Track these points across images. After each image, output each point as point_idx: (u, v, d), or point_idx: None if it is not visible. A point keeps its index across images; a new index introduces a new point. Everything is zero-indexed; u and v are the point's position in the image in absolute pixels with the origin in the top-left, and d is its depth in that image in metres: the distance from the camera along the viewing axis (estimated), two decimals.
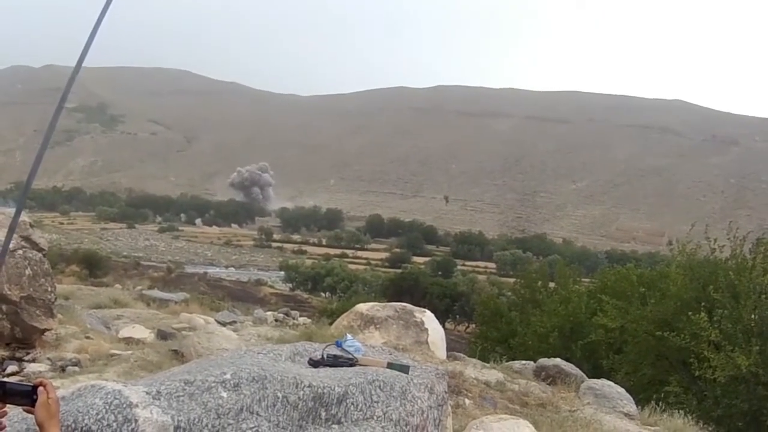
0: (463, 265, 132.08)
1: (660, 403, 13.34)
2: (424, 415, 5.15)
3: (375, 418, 4.79)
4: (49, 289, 10.46)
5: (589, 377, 14.99)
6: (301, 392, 4.40)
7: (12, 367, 9.37)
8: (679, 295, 20.50)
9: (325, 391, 4.55)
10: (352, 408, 4.69)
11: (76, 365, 9.42)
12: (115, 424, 3.49)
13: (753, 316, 17.62)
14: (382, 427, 4.77)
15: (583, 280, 41.10)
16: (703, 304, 18.00)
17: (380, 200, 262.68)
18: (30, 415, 3.26)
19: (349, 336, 5.89)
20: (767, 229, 21.94)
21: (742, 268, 18.67)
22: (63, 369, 9.26)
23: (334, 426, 4.57)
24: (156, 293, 25.00)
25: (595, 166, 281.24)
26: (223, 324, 15.79)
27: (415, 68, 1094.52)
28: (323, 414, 4.53)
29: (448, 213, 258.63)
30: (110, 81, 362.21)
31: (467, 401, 10.62)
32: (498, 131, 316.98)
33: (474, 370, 13.84)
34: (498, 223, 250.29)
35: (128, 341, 11.61)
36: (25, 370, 9.28)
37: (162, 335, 12.46)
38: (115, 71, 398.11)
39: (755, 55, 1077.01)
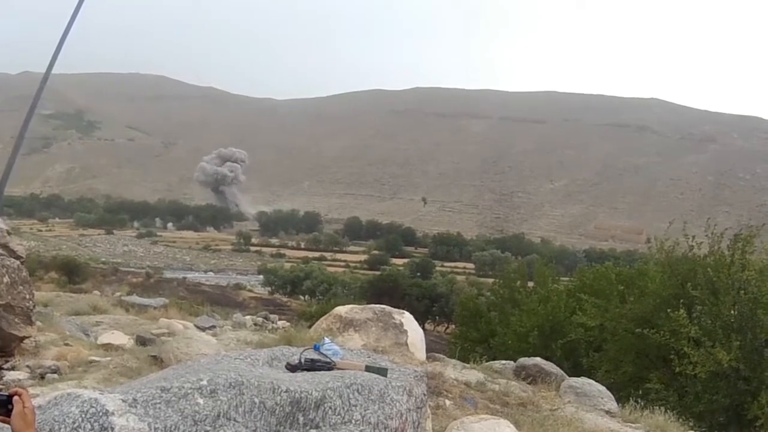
0: (442, 266, 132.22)
1: (640, 400, 13.37)
2: (403, 418, 5.13)
3: (353, 422, 4.77)
4: (28, 296, 10.39)
5: (570, 376, 15.00)
6: (278, 397, 4.38)
7: None
8: (658, 293, 20.57)
9: (302, 395, 4.53)
10: (330, 412, 4.68)
11: (55, 372, 9.37)
12: None
13: (732, 312, 17.69)
14: (360, 431, 4.76)
15: (562, 279, 41.26)
16: (682, 300, 18.06)
17: (358, 203, 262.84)
18: (5, 425, 3.23)
19: (327, 339, 5.88)
20: (745, 225, 21.92)
21: (720, 264, 18.74)
22: (42, 376, 9.21)
23: (312, 431, 4.56)
24: (135, 299, 24.90)
25: (573, 166, 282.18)
26: (203, 329, 15.73)
27: (392, 70, 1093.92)
28: (301, 419, 4.51)
29: (427, 214, 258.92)
30: (87, 87, 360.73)
31: (447, 402, 10.61)
32: (475, 132, 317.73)
33: (454, 370, 13.84)
34: (476, 223, 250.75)
35: (107, 347, 11.55)
36: (4, 378, 9.21)
37: (141, 341, 12.40)
38: (91, 77, 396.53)
39: (731, 53, 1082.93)
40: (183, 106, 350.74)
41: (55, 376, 9.31)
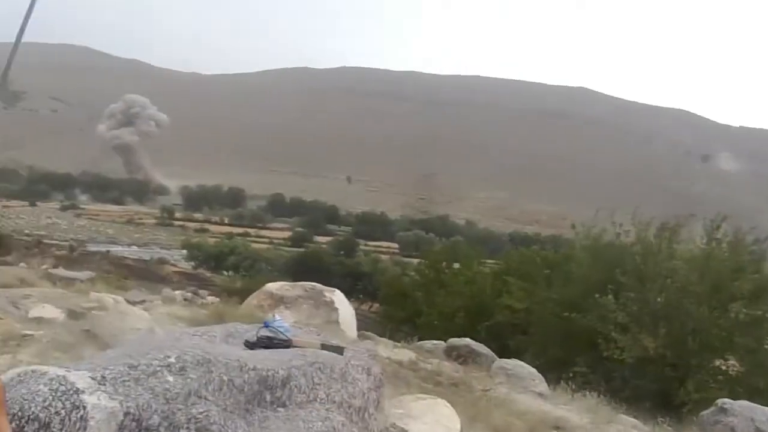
0: (366, 245, 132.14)
1: (570, 383, 13.55)
2: (365, 397, 5.15)
3: (318, 400, 4.77)
4: None
5: (498, 357, 15.16)
6: (246, 375, 4.35)
7: None
8: (585, 278, 20.84)
9: (269, 374, 4.51)
10: (295, 390, 4.66)
11: None
12: (63, 411, 3.39)
13: (659, 300, 18.01)
14: (327, 410, 4.75)
15: (487, 261, 41.62)
16: (609, 286, 18.32)
17: (282, 180, 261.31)
18: None
19: (277, 316, 5.86)
20: (670, 215, 22.31)
21: (648, 252, 19.05)
22: None
23: (279, 409, 4.53)
24: (61, 272, 24.52)
25: (498, 150, 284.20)
26: (133, 303, 15.55)
27: (318, 49, 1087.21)
28: (268, 397, 4.49)
29: (351, 194, 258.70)
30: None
31: None
32: (401, 113, 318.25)
33: (386, 349, 13.90)
34: (400, 203, 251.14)
35: (39, 321, 11.34)
36: None
37: (72, 315, 12.20)
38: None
39: (659, 45, 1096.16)
40: (108, 79, 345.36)
41: None
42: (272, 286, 15.00)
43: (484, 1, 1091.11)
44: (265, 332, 5.40)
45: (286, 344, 5.28)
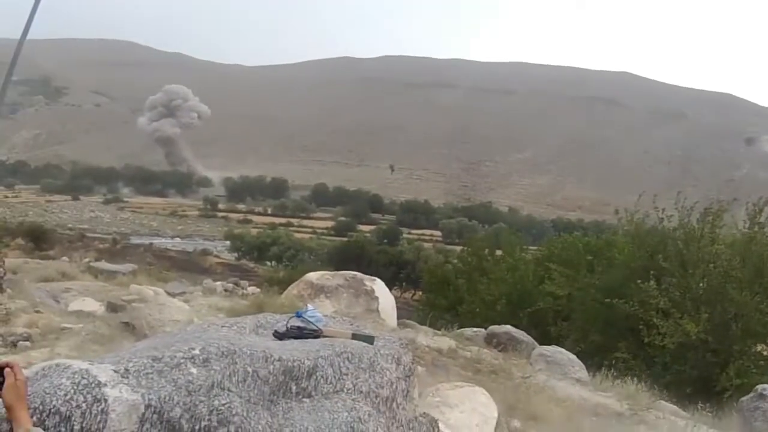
0: (409, 233, 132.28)
1: (611, 370, 13.44)
2: (393, 387, 5.10)
3: (345, 390, 4.73)
4: None
5: (538, 344, 15.09)
6: (271, 366, 4.32)
7: None
8: (627, 264, 20.70)
9: (294, 364, 4.48)
10: (321, 381, 4.62)
11: (27, 340, 9.26)
12: (84, 404, 3.38)
13: (701, 285, 17.82)
14: (353, 400, 4.72)
15: (529, 248, 41.46)
16: (651, 272, 18.15)
17: (325, 169, 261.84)
18: None
19: (309, 306, 5.81)
20: (713, 200, 22.09)
21: (690, 237, 18.86)
22: (14, 344, 9.10)
23: (305, 400, 4.51)
24: (103, 265, 24.70)
25: (541, 137, 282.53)
26: (173, 295, 15.64)
27: (361, 39, 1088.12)
28: (294, 388, 4.46)
29: (394, 182, 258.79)
30: (54, 53, 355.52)
31: (420, 369, 10.58)
32: (444, 101, 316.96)
33: (426, 337, 13.90)
34: (443, 191, 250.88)
35: (78, 314, 11.44)
36: None
37: (112, 308, 12.30)
38: (58, 43, 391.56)
39: (702, 30, 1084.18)
40: (150, 73, 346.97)
41: (27, 343, 9.21)
42: (313, 276, 15.04)
43: None
44: (295, 322, 5.37)
45: (315, 334, 5.24)
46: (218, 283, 22.40)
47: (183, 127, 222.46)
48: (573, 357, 13.86)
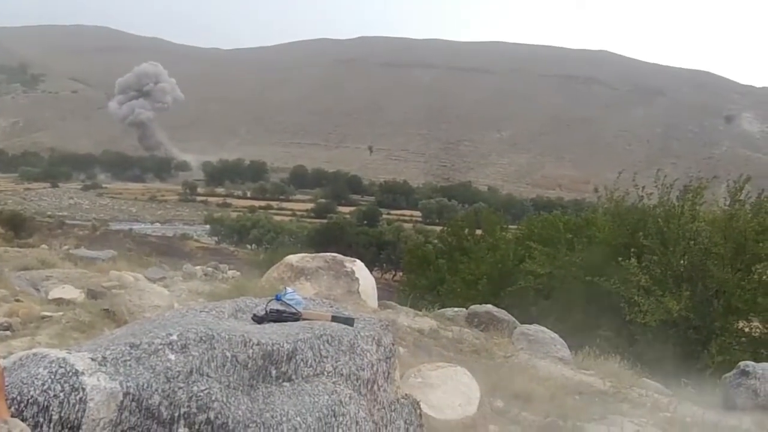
0: (389, 214, 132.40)
1: (593, 348, 13.49)
2: (374, 369, 5.09)
3: (325, 373, 4.72)
4: None
5: (520, 323, 15.11)
6: (250, 350, 4.30)
7: None
8: (607, 241, 20.78)
9: (274, 348, 4.46)
10: (302, 364, 4.61)
11: (7, 329, 9.19)
12: (62, 394, 3.36)
13: (682, 262, 17.92)
14: (333, 383, 4.71)
15: (509, 227, 41.55)
16: (632, 250, 18.23)
17: (304, 152, 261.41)
18: None
19: (288, 289, 5.79)
20: (693, 177, 22.25)
21: (670, 215, 18.95)
22: None
23: (285, 384, 4.49)
24: (83, 252, 24.53)
25: (520, 116, 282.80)
26: (153, 280, 15.55)
27: (338, 19, 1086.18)
28: (273, 372, 4.44)
29: (373, 162, 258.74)
30: (30, 40, 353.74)
31: (402, 350, 10.57)
32: (422, 81, 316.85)
33: (407, 318, 13.89)
34: (423, 171, 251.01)
35: (59, 302, 11.36)
36: None
37: (92, 294, 12.20)
38: (35, 30, 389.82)
39: (679, 6, 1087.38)
40: (127, 58, 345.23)
41: (8, 333, 9.14)
42: (293, 258, 14.96)
43: None
44: (274, 306, 5.35)
45: (295, 317, 5.23)
46: (198, 267, 22.34)
47: (156, 109, 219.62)
48: (555, 336, 13.89)
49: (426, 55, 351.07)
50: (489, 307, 15.77)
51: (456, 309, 16.41)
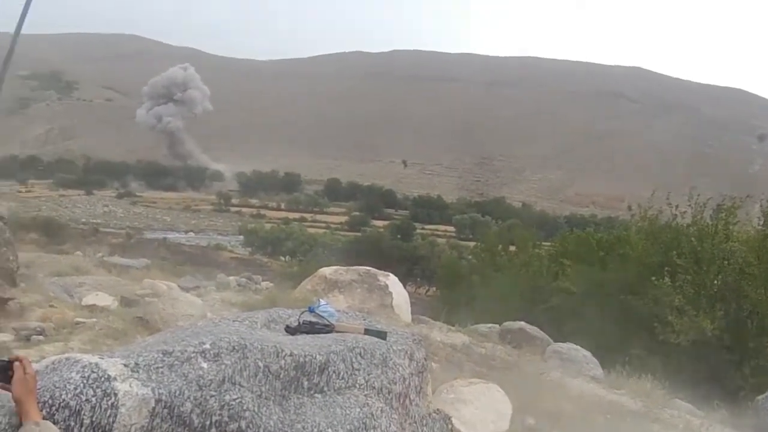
0: (423, 228, 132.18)
1: (625, 367, 13.39)
2: (406, 383, 5.08)
3: (357, 386, 4.71)
4: (11, 257, 10.27)
5: (553, 340, 15.05)
6: (283, 361, 4.31)
7: None
8: (640, 260, 20.63)
9: (306, 359, 4.46)
10: (334, 376, 4.61)
11: (40, 334, 9.25)
12: (93, 398, 3.37)
13: (716, 282, 17.75)
14: (365, 396, 4.70)
15: (543, 243, 41.39)
16: (666, 269, 18.10)
17: (338, 164, 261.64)
18: (3, 392, 3.15)
19: (322, 301, 5.79)
20: (726, 196, 22.09)
21: (704, 234, 18.81)
22: (28, 338, 9.09)
23: (317, 395, 4.49)
24: (117, 260, 24.73)
25: (553, 131, 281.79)
26: (186, 290, 15.62)
27: (372, 33, 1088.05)
28: (305, 383, 4.44)
29: (407, 177, 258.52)
30: (65, 48, 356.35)
31: (434, 365, 10.55)
32: (456, 96, 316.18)
33: (440, 333, 13.85)
34: (456, 186, 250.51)
35: (92, 309, 11.43)
36: None
37: (126, 302, 12.29)
38: (69, 38, 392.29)
39: (712, 23, 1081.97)
40: (162, 66, 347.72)
41: (41, 337, 9.20)
42: (326, 271, 15.00)
43: None
44: (307, 317, 5.35)
45: (328, 329, 5.22)
46: (231, 277, 22.41)
47: (185, 116, 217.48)
48: (587, 354, 13.81)
49: (460, 69, 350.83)
50: (522, 323, 15.73)
51: (489, 325, 16.38)
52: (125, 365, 3.64)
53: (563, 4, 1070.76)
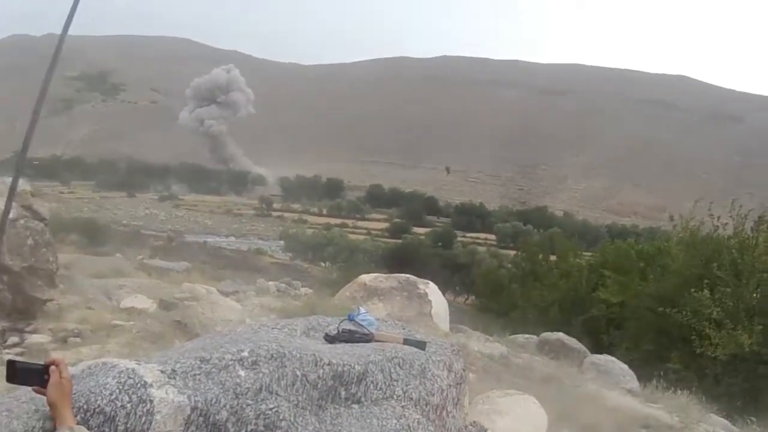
0: (464, 236, 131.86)
1: (662, 380, 13.29)
2: (444, 394, 5.04)
3: (395, 397, 4.68)
4: (51, 258, 10.36)
5: (590, 352, 14.97)
6: (321, 370, 4.29)
7: (13, 339, 9.27)
8: (680, 272, 20.48)
9: (344, 369, 4.44)
10: (371, 387, 4.58)
11: (77, 336, 9.32)
12: (129, 405, 3.36)
13: (755, 295, 17.59)
14: (402, 407, 4.66)
15: (584, 253, 41.18)
16: (705, 281, 17.95)
17: (381, 170, 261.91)
18: (38, 396, 3.15)
19: (362, 309, 5.76)
20: None
21: (744, 246, 18.64)
22: (65, 340, 9.16)
23: (354, 405, 4.47)
24: (157, 262, 24.90)
25: (597, 140, 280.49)
26: (226, 294, 15.67)
27: (418, 38, 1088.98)
28: (343, 393, 4.42)
29: (449, 184, 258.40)
30: (111, 49, 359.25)
31: (471, 375, 10.51)
32: (501, 103, 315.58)
33: (477, 343, 13.79)
34: (499, 194, 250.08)
35: (130, 311, 11.50)
36: (26, 341, 9.18)
37: (164, 305, 12.33)
38: (115, 39, 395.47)
39: (760, 32, 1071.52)
40: (206, 70, 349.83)
41: (78, 339, 9.27)
42: (366, 278, 14.99)
43: None
44: (346, 326, 5.33)
45: (367, 338, 5.20)
46: (271, 282, 22.45)
47: (227, 120, 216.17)
48: (624, 366, 13.72)
49: (506, 76, 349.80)
50: (560, 334, 15.65)
51: (527, 335, 16.33)
52: (162, 371, 3.64)
53: (609, 12, 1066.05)
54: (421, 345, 5.26)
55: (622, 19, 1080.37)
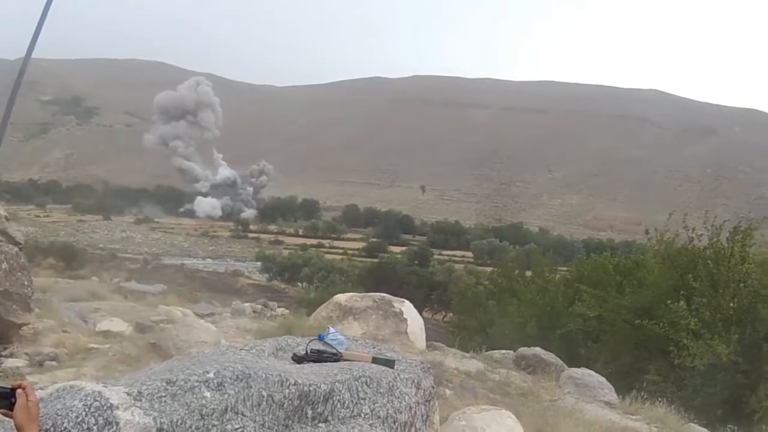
0: (440, 254, 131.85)
1: (641, 392, 13.34)
2: (412, 411, 5.07)
3: (362, 415, 4.70)
4: (26, 283, 10.31)
5: (568, 366, 15.01)
6: (287, 390, 4.31)
7: None
8: (657, 284, 20.57)
9: (311, 388, 4.46)
10: (338, 405, 4.61)
11: (53, 360, 9.29)
12: (95, 427, 3.38)
13: (732, 305, 17.70)
14: (370, 425, 4.68)
15: (560, 269, 41.31)
16: (682, 292, 18.04)
17: (356, 190, 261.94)
18: (6, 419, 3.16)
19: (331, 329, 5.79)
20: (744, 218, 22.07)
21: (720, 257, 18.75)
22: (41, 364, 9.13)
23: (320, 425, 4.48)
24: (133, 285, 24.85)
25: (572, 156, 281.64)
26: (201, 316, 15.69)
27: (391, 58, 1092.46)
28: (309, 413, 4.44)
29: (425, 202, 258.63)
30: (85, 73, 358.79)
31: (448, 391, 10.59)
32: (475, 121, 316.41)
33: (454, 359, 13.84)
34: (474, 212, 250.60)
35: (106, 334, 11.48)
36: (2, 365, 9.13)
37: (140, 328, 12.33)
38: (89, 63, 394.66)
39: (731, 45, 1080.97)
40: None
41: (54, 363, 9.24)
42: (341, 298, 14.99)
43: (557, 6, 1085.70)
44: (315, 345, 5.35)
45: (335, 357, 5.22)
46: (247, 304, 22.48)
47: (194, 141, 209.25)
48: (602, 379, 13.78)
49: (479, 94, 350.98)
50: (537, 349, 15.69)
51: (504, 351, 16.36)
52: (128, 393, 3.66)
53: (580, 28, 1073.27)
54: (390, 363, 5.29)
55: (594, 34, 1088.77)
